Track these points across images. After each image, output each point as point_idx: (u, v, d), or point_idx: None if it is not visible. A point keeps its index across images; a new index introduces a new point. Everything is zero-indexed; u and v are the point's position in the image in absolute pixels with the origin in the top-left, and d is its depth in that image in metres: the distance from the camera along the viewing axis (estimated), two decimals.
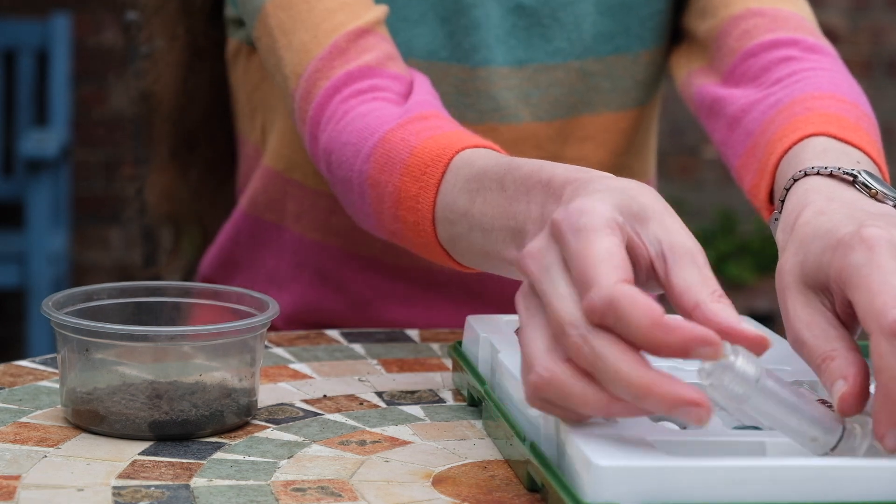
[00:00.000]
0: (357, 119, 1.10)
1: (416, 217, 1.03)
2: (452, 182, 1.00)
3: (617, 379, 0.73)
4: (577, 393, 0.74)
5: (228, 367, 0.90)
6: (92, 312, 0.94)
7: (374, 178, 1.06)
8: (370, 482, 0.81)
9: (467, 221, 0.97)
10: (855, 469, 0.73)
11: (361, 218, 1.11)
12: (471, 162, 1.00)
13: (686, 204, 4.11)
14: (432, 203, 1.01)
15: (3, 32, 3.82)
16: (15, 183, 3.79)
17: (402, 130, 1.07)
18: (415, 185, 1.03)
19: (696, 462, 0.72)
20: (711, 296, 0.76)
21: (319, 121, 1.14)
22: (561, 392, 0.75)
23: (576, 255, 0.75)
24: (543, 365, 0.75)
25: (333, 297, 1.30)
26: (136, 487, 0.80)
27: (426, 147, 1.04)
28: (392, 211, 1.05)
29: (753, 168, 1.09)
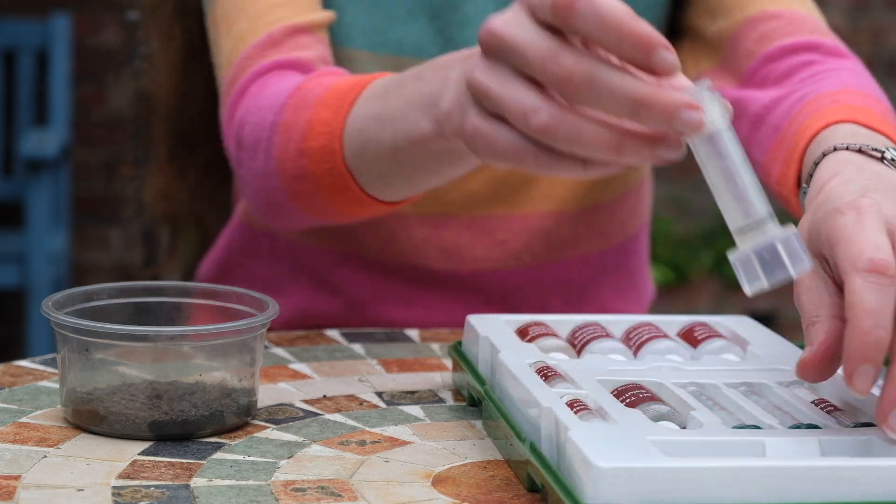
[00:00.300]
0: (275, 85, 1.11)
1: (325, 139, 1.02)
2: (367, 97, 1.00)
3: (617, 93, 0.73)
4: (589, 129, 0.75)
5: (228, 367, 0.90)
6: (92, 312, 0.94)
7: (286, 121, 1.06)
8: (370, 482, 0.81)
9: (378, 122, 0.97)
10: (855, 469, 0.73)
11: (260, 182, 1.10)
12: (388, 78, 1.00)
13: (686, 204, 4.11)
14: (344, 119, 1.01)
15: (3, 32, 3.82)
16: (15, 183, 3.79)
17: (320, 77, 1.08)
18: (328, 112, 1.03)
19: (696, 462, 0.72)
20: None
21: (238, 102, 1.14)
22: (572, 129, 0.75)
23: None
24: (548, 108, 0.76)
25: (331, 301, 1.30)
26: (136, 487, 0.80)
27: (344, 82, 1.04)
28: (298, 146, 1.05)
29: (781, 158, 1.09)
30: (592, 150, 0.76)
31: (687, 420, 0.82)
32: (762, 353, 0.95)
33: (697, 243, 4.01)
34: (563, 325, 1.00)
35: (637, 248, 1.39)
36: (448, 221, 1.27)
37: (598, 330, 0.98)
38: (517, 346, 0.94)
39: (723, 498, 0.71)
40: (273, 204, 1.11)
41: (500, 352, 0.92)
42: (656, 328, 0.98)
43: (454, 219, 1.27)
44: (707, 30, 1.26)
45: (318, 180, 1.05)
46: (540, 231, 1.29)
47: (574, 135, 0.76)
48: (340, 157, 1.02)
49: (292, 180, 1.07)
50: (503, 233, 1.29)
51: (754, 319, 1.03)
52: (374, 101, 0.99)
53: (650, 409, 0.83)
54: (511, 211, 1.28)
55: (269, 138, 1.08)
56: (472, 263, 1.29)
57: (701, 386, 0.88)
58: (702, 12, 1.27)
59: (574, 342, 0.97)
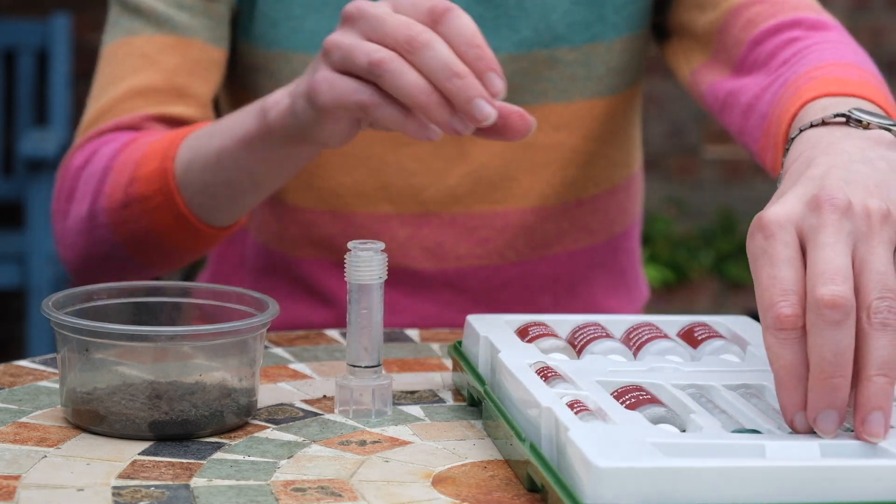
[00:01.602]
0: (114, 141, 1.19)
1: (157, 163, 1.12)
2: (204, 126, 1.12)
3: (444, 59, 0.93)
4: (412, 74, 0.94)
5: (228, 367, 0.90)
6: (92, 312, 0.94)
7: (121, 162, 1.16)
8: (370, 482, 0.81)
9: (209, 136, 1.10)
10: (854, 469, 0.73)
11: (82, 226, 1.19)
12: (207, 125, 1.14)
13: (686, 204, 4.11)
14: (178, 145, 1.12)
15: (3, 32, 3.82)
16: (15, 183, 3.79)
17: (158, 131, 1.19)
18: (163, 143, 1.13)
19: (696, 463, 0.72)
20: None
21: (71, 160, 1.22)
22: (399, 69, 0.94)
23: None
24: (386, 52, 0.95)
25: (324, 312, 1.30)
26: (136, 487, 0.80)
27: (183, 128, 1.15)
28: (130, 175, 1.14)
29: (770, 145, 1.10)
30: (409, 95, 0.94)
31: (687, 423, 0.82)
32: (762, 353, 0.95)
33: (697, 243, 4.01)
34: (563, 325, 1.00)
35: (627, 247, 1.38)
36: (429, 220, 1.28)
37: (598, 330, 0.98)
38: (517, 347, 0.94)
39: (723, 498, 0.71)
40: (93, 245, 1.18)
41: (500, 352, 0.92)
42: (656, 328, 0.98)
43: (435, 217, 1.28)
44: (696, 24, 1.26)
45: (147, 201, 1.13)
46: (522, 227, 1.30)
47: (399, 74, 0.94)
48: (171, 174, 1.12)
49: (120, 208, 1.14)
50: (485, 230, 1.29)
51: (754, 319, 1.03)
52: (213, 124, 1.12)
53: (650, 411, 0.83)
54: (492, 208, 1.29)
55: (102, 179, 1.17)
56: (456, 262, 1.29)
57: (701, 388, 0.88)
58: (689, 7, 1.27)
59: (574, 342, 0.97)
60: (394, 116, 0.96)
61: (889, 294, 0.78)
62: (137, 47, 1.23)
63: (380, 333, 0.93)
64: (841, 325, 0.76)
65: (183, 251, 1.17)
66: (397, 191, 1.27)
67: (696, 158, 4.20)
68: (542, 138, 1.28)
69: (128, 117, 1.21)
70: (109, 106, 1.22)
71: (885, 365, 0.77)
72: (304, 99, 1.00)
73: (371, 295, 0.92)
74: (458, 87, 0.93)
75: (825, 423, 0.77)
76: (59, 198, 1.23)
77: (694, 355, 0.96)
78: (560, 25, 1.26)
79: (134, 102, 1.22)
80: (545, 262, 1.32)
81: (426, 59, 0.93)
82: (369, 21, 0.96)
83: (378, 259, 0.92)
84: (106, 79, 1.24)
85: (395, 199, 1.27)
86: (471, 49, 0.94)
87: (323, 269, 1.30)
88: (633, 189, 1.38)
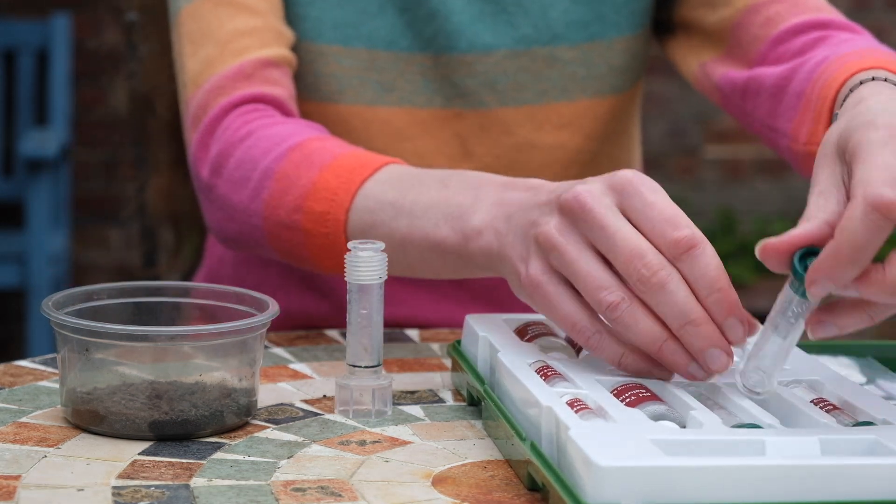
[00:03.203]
0: (268, 128, 1.14)
1: (328, 206, 1.06)
2: (380, 180, 1.05)
3: (680, 305, 0.84)
4: (647, 320, 0.85)
5: (228, 367, 0.90)
6: (92, 312, 0.94)
7: (284, 171, 1.09)
8: (370, 482, 0.81)
9: (393, 209, 1.02)
10: (855, 469, 0.73)
11: (238, 215, 1.13)
12: (402, 169, 1.05)
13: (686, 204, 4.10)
14: (353, 193, 1.05)
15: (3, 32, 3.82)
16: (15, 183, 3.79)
17: (322, 141, 1.11)
18: (335, 180, 1.07)
19: (696, 462, 0.72)
20: None
21: (214, 129, 1.17)
22: (633, 315, 0.86)
23: (656, 202, 0.87)
24: (620, 289, 0.86)
25: (321, 303, 1.30)
26: (136, 487, 0.80)
27: (353, 155, 1.08)
28: (297, 202, 1.08)
29: (809, 118, 1.10)
30: (641, 339, 0.86)
31: (687, 419, 0.82)
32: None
33: None
34: None
35: None
36: None
37: None
38: (516, 346, 0.94)
39: (723, 497, 0.71)
40: (244, 235, 1.14)
41: (499, 351, 0.92)
42: None
43: None
44: (705, 21, 1.26)
45: (310, 237, 1.08)
46: None
47: (633, 321, 0.86)
48: (342, 227, 1.06)
49: (280, 227, 1.10)
50: None
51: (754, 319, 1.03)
52: (389, 188, 1.04)
53: (650, 408, 0.83)
54: None
55: (262, 181, 1.11)
56: None
57: (700, 385, 0.88)
58: (696, 5, 1.27)
59: (573, 342, 0.97)
60: (613, 357, 0.89)
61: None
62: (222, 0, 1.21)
63: (380, 333, 0.93)
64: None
65: (331, 270, 1.12)
66: None
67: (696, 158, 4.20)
68: (544, 137, 1.28)
69: (247, 62, 1.18)
70: (217, 51, 1.19)
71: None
72: (507, 272, 0.94)
73: (371, 295, 0.92)
74: (692, 335, 0.85)
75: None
76: (201, 162, 1.17)
77: None
78: (559, 24, 1.26)
79: (241, 42, 1.19)
80: None
81: (661, 303, 0.85)
82: (595, 230, 0.87)
83: (378, 259, 0.92)
84: (198, 32, 1.21)
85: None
86: (713, 294, 0.85)
87: None
88: None
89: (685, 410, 0.83)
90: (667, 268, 0.85)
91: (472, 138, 1.27)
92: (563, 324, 0.89)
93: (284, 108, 1.18)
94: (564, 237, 0.89)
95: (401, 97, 1.25)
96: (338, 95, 1.25)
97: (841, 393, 0.87)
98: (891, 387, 0.97)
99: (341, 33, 1.24)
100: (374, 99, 1.25)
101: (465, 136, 1.27)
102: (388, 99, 1.25)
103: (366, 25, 1.24)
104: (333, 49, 1.24)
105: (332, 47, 1.24)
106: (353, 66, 1.25)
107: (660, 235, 0.85)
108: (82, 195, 4.01)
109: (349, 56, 1.24)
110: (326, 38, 1.24)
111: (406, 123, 1.26)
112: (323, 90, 1.25)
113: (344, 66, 1.24)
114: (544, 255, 0.90)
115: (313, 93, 1.25)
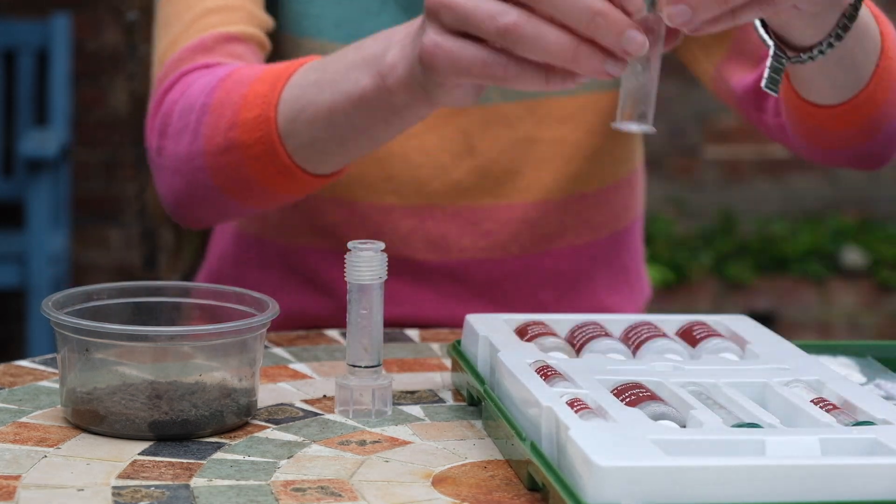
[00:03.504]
0: (205, 75, 1.15)
1: (260, 110, 1.07)
2: (304, 69, 1.07)
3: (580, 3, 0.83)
4: (551, 32, 0.84)
5: (228, 367, 0.90)
6: (92, 312, 0.94)
7: (218, 99, 1.11)
8: (370, 482, 0.81)
9: (317, 87, 1.04)
10: (855, 468, 0.73)
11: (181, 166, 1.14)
12: (326, 55, 1.07)
13: (686, 204, 4.11)
14: (280, 90, 1.07)
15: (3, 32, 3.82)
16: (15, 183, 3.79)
17: (250, 67, 1.13)
18: (263, 86, 1.08)
19: (696, 462, 0.72)
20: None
21: (165, 96, 1.17)
22: (536, 30, 0.84)
23: None
24: (515, 10, 0.85)
25: (323, 301, 1.30)
26: (136, 487, 0.80)
27: (281, 64, 1.10)
28: (231, 119, 1.09)
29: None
30: (553, 54, 0.85)
31: (687, 419, 0.82)
32: (761, 351, 0.95)
33: (697, 243, 4.01)
34: (562, 324, 1.00)
35: (630, 244, 1.38)
36: (433, 212, 1.28)
37: (597, 329, 0.98)
38: (516, 346, 0.94)
39: (723, 497, 0.71)
40: (191, 187, 1.14)
41: (499, 351, 0.92)
42: (655, 327, 0.98)
43: (439, 210, 1.28)
44: None
45: (248, 149, 1.08)
46: (526, 221, 1.30)
47: (538, 36, 0.85)
48: (274, 124, 1.07)
49: (220, 153, 1.10)
50: (489, 223, 1.29)
51: (754, 320, 1.03)
52: (312, 71, 1.06)
53: (650, 407, 0.83)
54: (496, 201, 1.29)
55: (199, 119, 1.12)
56: (459, 254, 1.29)
57: (700, 385, 0.88)
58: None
59: (573, 341, 0.97)
60: (533, 79, 0.88)
61: None
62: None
63: (380, 333, 0.93)
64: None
65: (283, 197, 1.13)
66: (402, 182, 1.27)
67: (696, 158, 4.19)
68: (546, 132, 1.28)
69: (209, 35, 1.19)
70: (183, 29, 1.20)
71: None
72: (419, 65, 0.94)
73: (371, 295, 0.92)
74: (603, 25, 0.84)
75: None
76: (151, 131, 1.19)
77: (693, 354, 0.97)
78: None
79: (208, 20, 1.20)
80: (548, 256, 1.32)
81: (560, 6, 0.84)
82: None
83: (378, 259, 0.92)
84: (172, 14, 1.22)
85: (400, 191, 1.27)
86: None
87: (324, 258, 1.30)
88: (635, 185, 1.38)
89: (685, 410, 0.83)
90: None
91: (475, 133, 1.27)
92: (473, 65, 0.89)
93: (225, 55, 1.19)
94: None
95: None
96: None
97: (841, 393, 0.87)
98: (891, 387, 0.97)
99: (343, 31, 1.24)
100: None
101: (469, 131, 1.27)
102: None
103: (367, 23, 1.24)
104: (335, 46, 1.24)
105: (334, 45, 1.24)
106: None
107: None
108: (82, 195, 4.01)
109: None
110: (328, 36, 1.25)
111: None
112: None
113: None
114: (434, 22, 0.90)
115: None
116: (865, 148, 1.15)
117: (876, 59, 1.08)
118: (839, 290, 4.01)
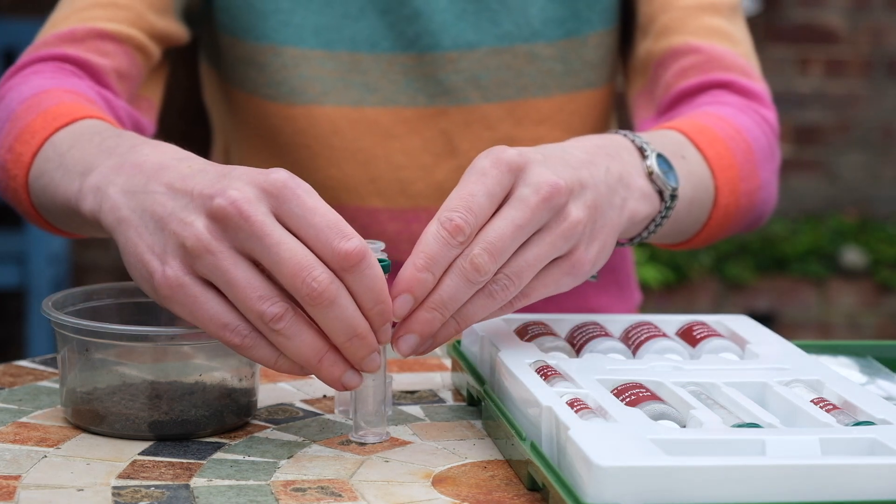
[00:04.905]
0: (42, 75, 1.14)
1: (25, 148, 1.06)
2: (74, 130, 1.03)
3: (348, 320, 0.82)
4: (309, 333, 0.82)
5: (228, 367, 0.90)
6: (92, 312, 0.94)
7: (18, 114, 1.10)
8: (370, 482, 0.81)
9: (59, 160, 1.00)
10: (855, 468, 0.73)
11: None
12: (101, 125, 1.03)
13: None
14: (45, 139, 1.05)
15: (3, 32, 3.82)
16: None
17: (71, 94, 1.10)
18: (41, 124, 1.06)
19: (696, 462, 0.72)
20: None
21: (9, 78, 1.17)
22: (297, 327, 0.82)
23: (317, 208, 0.82)
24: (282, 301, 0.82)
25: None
26: (136, 487, 0.80)
27: (73, 105, 1.07)
28: (10, 143, 1.09)
29: None
30: (300, 356, 0.83)
31: (687, 419, 0.82)
32: (761, 351, 0.95)
33: None
34: (562, 324, 1.00)
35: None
36: (418, 215, 1.29)
37: (597, 329, 0.98)
38: (516, 346, 0.94)
39: (723, 497, 0.71)
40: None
41: (499, 351, 0.92)
42: (655, 327, 0.98)
43: (424, 212, 1.29)
44: (638, 48, 1.31)
45: (10, 179, 1.09)
46: None
47: (295, 333, 0.82)
48: (26, 170, 1.06)
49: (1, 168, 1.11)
50: None
51: (754, 319, 1.03)
52: (70, 138, 1.02)
53: (650, 407, 0.83)
54: None
55: (2, 125, 1.12)
56: None
57: (700, 385, 0.88)
58: (637, 28, 1.31)
59: (573, 341, 0.98)
60: (266, 357, 0.84)
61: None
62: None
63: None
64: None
65: (53, 232, 1.13)
66: (386, 184, 1.28)
67: None
68: (524, 133, 1.30)
69: (81, 27, 1.18)
70: (66, 14, 1.20)
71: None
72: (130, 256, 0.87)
73: None
74: (357, 347, 0.83)
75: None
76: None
77: (693, 354, 0.97)
78: (537, 21, 1.28)
79: (92, 12, 1.20)
80: None
81: (329, 318, 0.81)
82: (253, 240, 0.81)
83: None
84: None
85: (384, 193, 1.28)
86: (377, 306, 0.83)
87: None
88: None
89: (685, 410, 0.83)
90: (335, 282, 0.81)
91: (457, 135, 1.29)
92: (210, 325, 0.83)
93: (101, 78, 1.18)
94: (219, 243, 0.82)
95: (385, 97, 1.27)
96: (323, 98, 1.26)
97: (841, 393, 0.87)
98: (891, 387, 0.97)
99: (323, 38, 1.26)
100: (359, 100, 1.26)
101: (451, 133, 1.28)
102: (373, 99, 1.27)
103: (347, 29, 1.26)
104: (316, 53, 1.26)
105: (315, 52, 1.25)
106: (337, 69, 1.26)
107: (325, 244, 0.81)
108: None
109: (332, 59, 1.26)
110: (309, 44, 1.26)
111: (392, 122, 1.27)
112: (308, 93, 1.26)
113: (327, 69, 1.26)
114: (189, 259, 0.83)
115: (299, 96, 1.26)
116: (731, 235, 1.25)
117: (708, 210, 1.15)
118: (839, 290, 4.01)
